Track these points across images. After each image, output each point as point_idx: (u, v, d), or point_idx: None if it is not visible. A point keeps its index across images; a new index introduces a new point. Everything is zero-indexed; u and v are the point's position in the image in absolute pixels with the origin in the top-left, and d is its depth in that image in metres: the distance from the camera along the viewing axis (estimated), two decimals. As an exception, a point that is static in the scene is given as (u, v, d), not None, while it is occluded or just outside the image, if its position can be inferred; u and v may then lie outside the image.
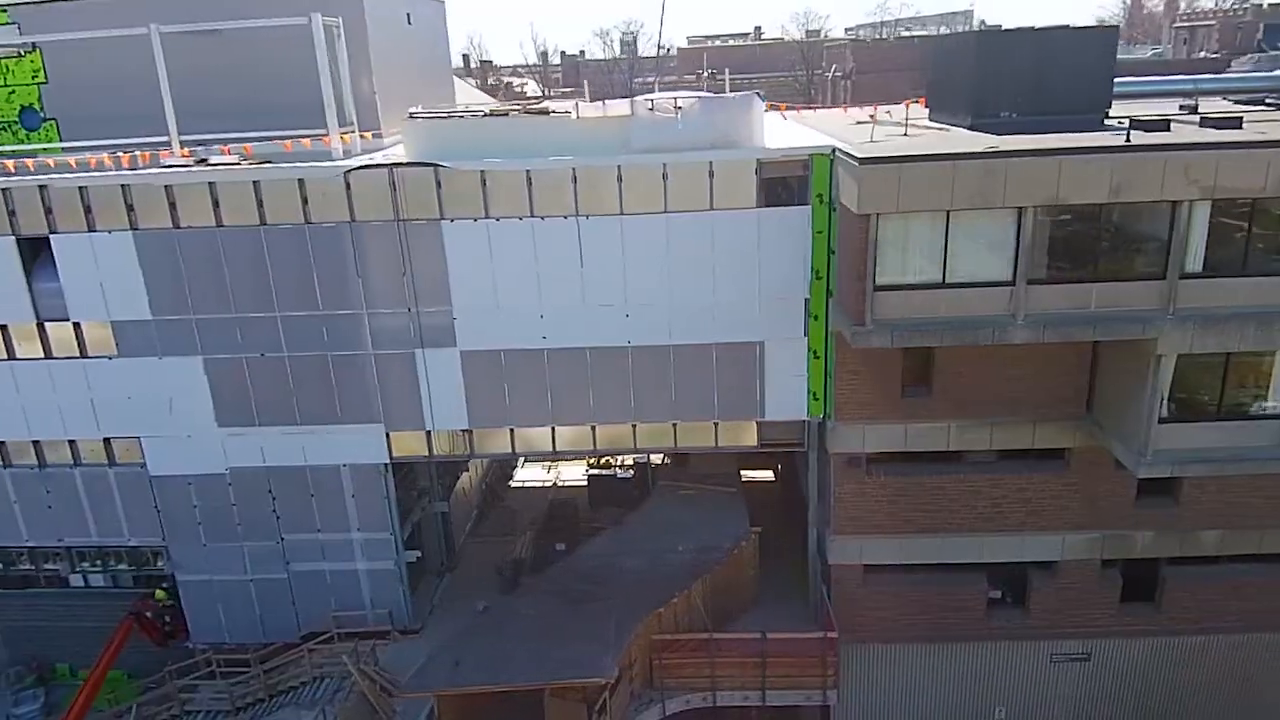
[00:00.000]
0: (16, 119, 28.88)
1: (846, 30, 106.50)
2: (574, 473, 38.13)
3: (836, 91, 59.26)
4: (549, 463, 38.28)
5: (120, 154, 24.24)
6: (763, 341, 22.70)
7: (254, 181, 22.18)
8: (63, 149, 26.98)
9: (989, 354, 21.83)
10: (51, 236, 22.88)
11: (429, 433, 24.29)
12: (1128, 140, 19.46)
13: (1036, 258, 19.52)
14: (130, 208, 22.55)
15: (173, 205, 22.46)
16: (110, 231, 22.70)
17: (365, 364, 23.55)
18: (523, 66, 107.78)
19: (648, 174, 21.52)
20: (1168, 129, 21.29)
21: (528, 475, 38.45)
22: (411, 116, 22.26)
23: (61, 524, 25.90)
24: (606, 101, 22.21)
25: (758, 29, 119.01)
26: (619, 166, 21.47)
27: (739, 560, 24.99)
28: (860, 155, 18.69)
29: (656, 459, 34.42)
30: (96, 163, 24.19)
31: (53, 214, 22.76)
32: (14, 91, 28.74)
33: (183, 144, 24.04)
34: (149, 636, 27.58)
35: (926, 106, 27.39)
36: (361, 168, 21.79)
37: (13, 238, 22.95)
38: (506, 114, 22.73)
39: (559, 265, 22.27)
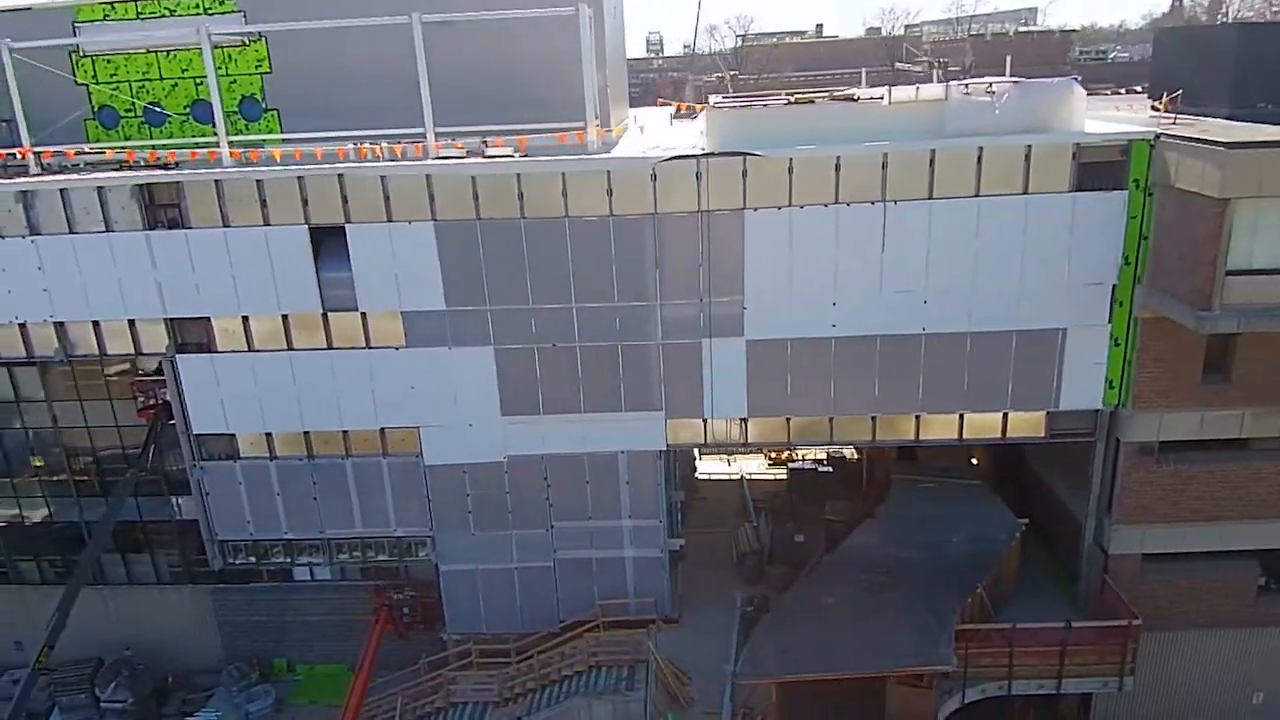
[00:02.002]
0: (237, 109, 28.69)
1: (908, 28, 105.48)
2: (754, 465, 38.18)
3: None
4: (728, 456, 38.25)
5: (366, 145, 23.66)
6: (1065, 329, 22.56)
7: (562, 174, 22.09)
8: (283, 140, 26.78)
9: (1290, 341, 21.74)
10: (347, 226, 22.83)
11: (706, 421, 24.28)
12: None
13: (1381, 242, 19.41)
14: (432, 198, 22.50)
15: (476, 196, 22.40)
16: (410, 222, 22.66)
17: (652, 353, 23.53)
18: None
19: (961, 158, 21.38)
20: None
21: (707, 468, 38.41)
22: (714, 106, 22.14)
23: (326, 515, 25.97)
24: (920, 87, 22.01)
25: (819, 26, 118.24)
26: (933, 151, 21.36)
27: (1010, 551, 24.91)
28: (1227, 140, 18.58)
29: (849, 452, 34.53)
30: (325, 153, 23.50)
31: (349, 203, 22.72)
32: (235, 81, 28.51)
33: (405, 138, 23.60)
34: (392, 628, 27.66)
35: (1149, 97, 27.58)
36: (672, 159, 21.70)
37: (305, 226, 22.92)
38: (811, 101, 22.59)
39: (859, 252, 22.17)
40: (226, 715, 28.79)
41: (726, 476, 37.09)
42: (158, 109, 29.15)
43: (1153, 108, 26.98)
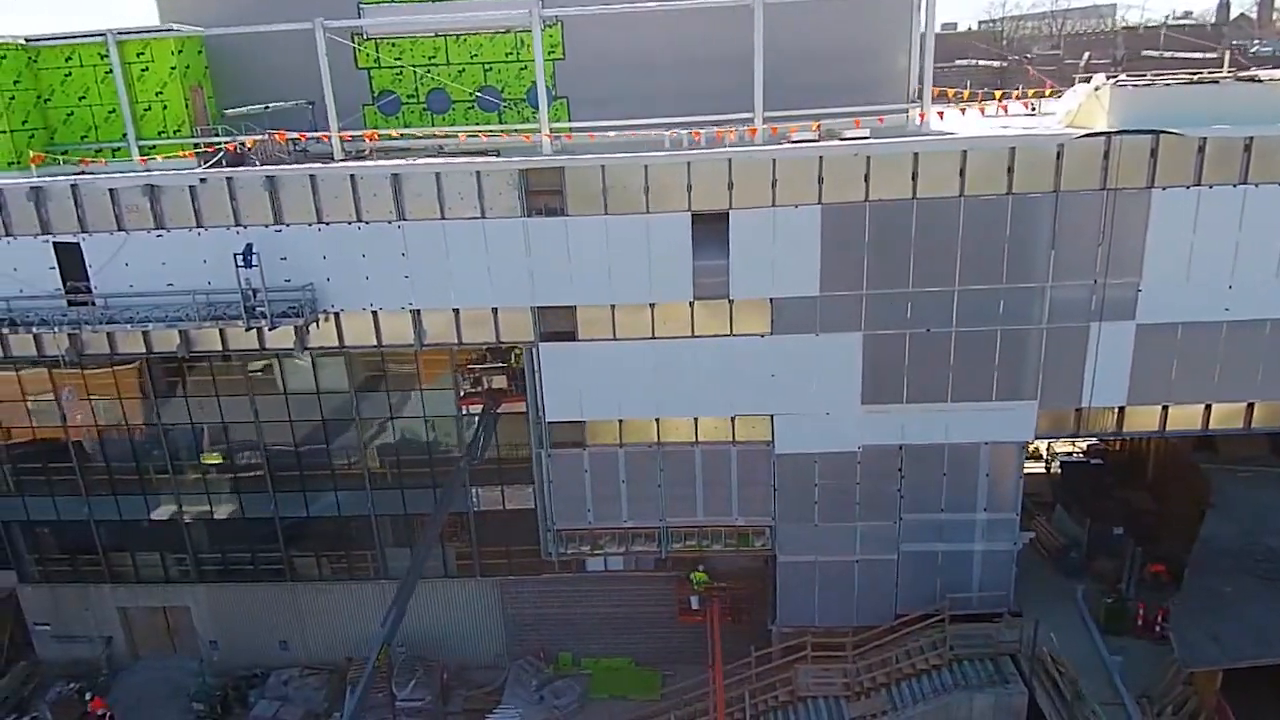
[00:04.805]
0: (524, 97, 28.53)
1: (982, 23, 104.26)
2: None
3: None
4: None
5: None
6: None
7: (963, 152, 21.82)
8: (570, 128, 26.43)
9: None
10: (730, 212, 22.63)
11: (1079, 410, 23.79)
12: None
13: None
14: (820, 180, 22.28)
15: (867, 178, 22.15)
16: (796, 206, 22.44)
17: (1033, 338, 23.10)
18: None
19: (1375, 138, 20.97)
20: None
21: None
22: (1118, 84, 21.82)
23: (668, 503, 25.72)
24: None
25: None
26: (1348, 132, 20.92)
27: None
28: None
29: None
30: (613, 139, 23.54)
31: (733, 189, 22.53)
32: (525, 67, 28.33)
33: (714, 124, 23.33)
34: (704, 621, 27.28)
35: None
36: (1084, 136, 21.39)
37: (688, 214, 22.74)
38: (1215, 81, 22.24)
39: (1262, 233, 21.70)
40: (528, 712, 28.49)
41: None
42: (444, 95, 28.97)
43: None
